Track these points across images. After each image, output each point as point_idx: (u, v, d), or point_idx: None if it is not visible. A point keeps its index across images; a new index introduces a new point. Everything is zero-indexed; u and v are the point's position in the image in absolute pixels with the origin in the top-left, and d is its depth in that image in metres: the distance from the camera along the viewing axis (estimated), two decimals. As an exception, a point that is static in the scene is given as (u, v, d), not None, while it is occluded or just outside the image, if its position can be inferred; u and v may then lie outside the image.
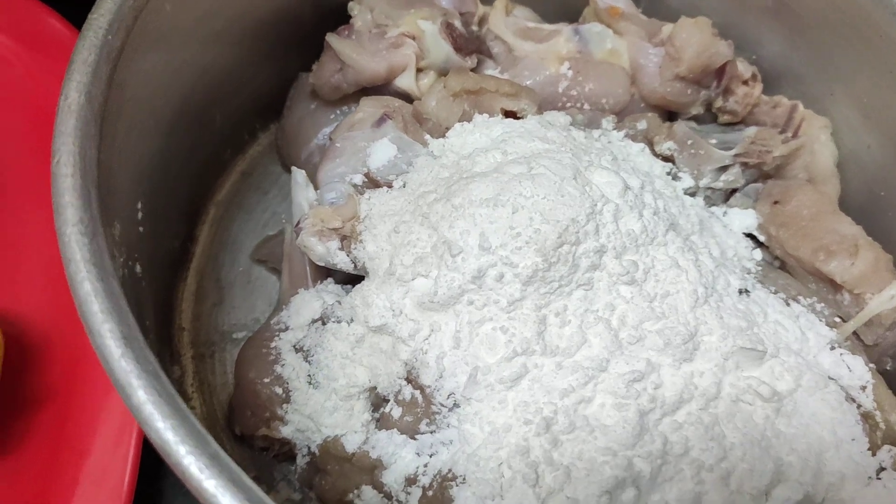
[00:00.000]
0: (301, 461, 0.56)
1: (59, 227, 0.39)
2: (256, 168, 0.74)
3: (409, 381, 0.52)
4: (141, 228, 0.54)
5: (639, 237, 0.52)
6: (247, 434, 0.57)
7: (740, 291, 0.55)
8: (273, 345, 0.57)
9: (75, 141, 0.40)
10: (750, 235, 0.61)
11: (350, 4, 0.64)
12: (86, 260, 0.38)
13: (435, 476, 0.50)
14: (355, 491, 0.52)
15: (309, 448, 0.55)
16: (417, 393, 0.52)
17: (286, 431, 0.55)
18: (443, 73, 0.64)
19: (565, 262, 0.50)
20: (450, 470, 0.49)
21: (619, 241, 0.51)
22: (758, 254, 0.59)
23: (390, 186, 0.58)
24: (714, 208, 0.62)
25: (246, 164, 0.73)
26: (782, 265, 0.60)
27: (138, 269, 0.53)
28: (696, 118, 0.67)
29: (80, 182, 0.39)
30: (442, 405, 0.51)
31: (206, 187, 0.70)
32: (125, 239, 0.49)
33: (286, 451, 0.57)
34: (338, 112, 0.67)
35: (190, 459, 0.35)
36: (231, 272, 0.68)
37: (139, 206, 0.53)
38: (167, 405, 0.36)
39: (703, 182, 0.61)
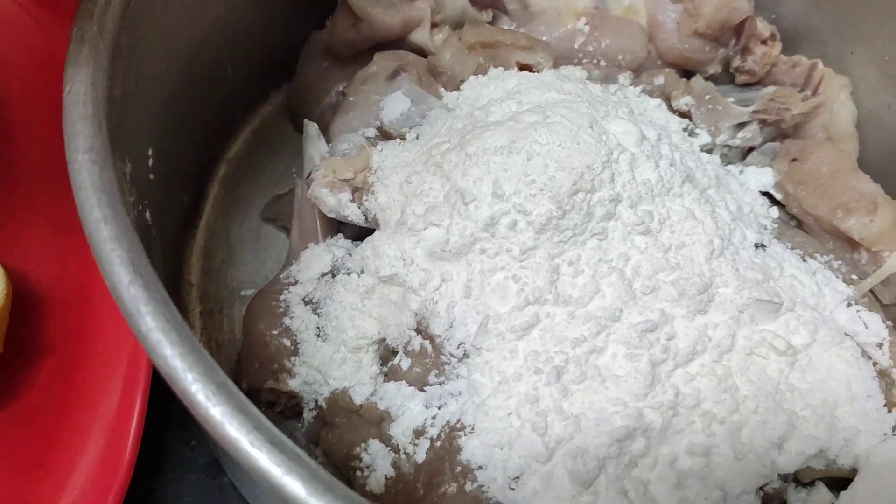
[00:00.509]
0: (308, 415, 0.55)
1: (70, 154, 0.38)
2: (268, 127, 0.73)
3: (418, 331, 0.52)
4: (151, 175, 0.54)
5: (654, 187, 0.51)
6: (253, 387, 0.56)
7: (756, 246, 0.54)
8: (282, 297, 0.56)
9: (87, 70, 0.40)
10: (766, 195, 0.61)
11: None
12: (96, 188, 0.38)
13: (443, 427, 0.49)
14: (362, 444, 0.51)
15: (316, 401, 0.54)
16: (427, 343, 0.51)
17: (294, 384, 0.54)
18: (458, 27, 0.63)
19: (579, 210, 0.49)
20: (458, 420, 0.48)
21: (634, 191, 0.50)
22: (774, 211, 0.59)
23: (403, 139, 0.57)
24: (730, 166, 0.61)
25: (257, 123, 0.73)
26: (799, 224, 0.60)
27: (148, 216, 0.52)
28: (713, 78, 0.66)
29: (91, 110, 0.39)
30: (452, 355, 0.50)
31: (217, 144, 0.69)
32: (136, 181, 0.48)
33: (293, 405, 0.56)
34: (351, 70, 0.66)
35: (197, 387, 0.35)
36: (241, 230, 0.67)
37: (150, 152, 0.53)
38: (175, 332, 0.35)
39: (721, 139, 0.60)
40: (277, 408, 0.58)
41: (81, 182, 0.38)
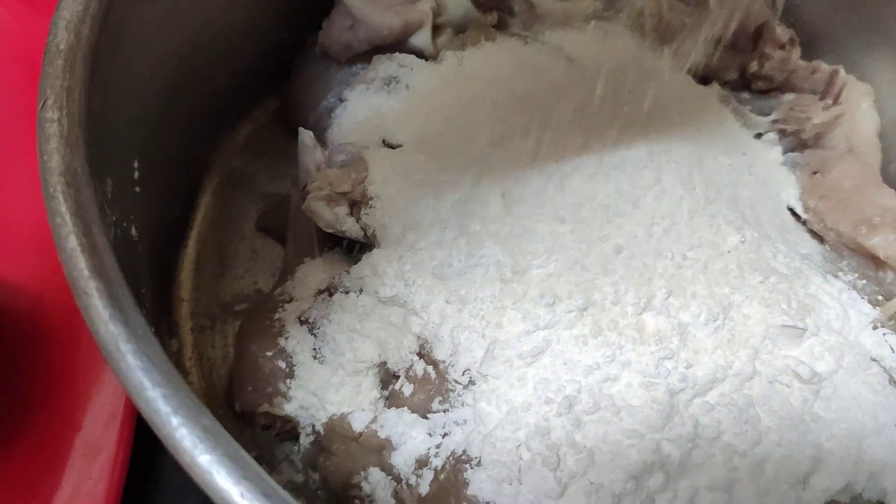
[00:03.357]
0: (304, 440, 0.52)
1: (45, 176, 0.35)
2: (263, 134, 0.70)
3: (421, 355, 0.49)
4: (137, 189, 0.51)
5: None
6: (247, 411, 0.53)
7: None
8: (277, 316, 0.53)
9: (63, 83, 0.37)
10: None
11: (363, -43, 0.61)
12: (72, 212, 0.35)
13: (448, 458, 0.46)
14: (362, 472, 0.49)
15: (313, 426, 0.52)
16: (430, 369, 0.48)
17: (289, 408, 0.51)
18: (461, 30, 0.60)
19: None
20: (464, 451, 0.46)
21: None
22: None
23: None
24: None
25: (252, 129, 0.70)
26: (821, 240, 0.57)
27: (134, 231, 0.49)
28: (729, 84, 0.63)
29: (67, 127, 0.36)
30: (456, 382, 0.47)
31: (209, 151, 0.66)
32: (119, 197, 0.45)
33: (289, 429, 0.54)
34: (348, 73, 0.64)
35: (182, 432, 0.32)
36: (234, 241, 0.64)
37: (135, 164, 0.50)
38: (159, 373, 0.33)
39: (738, 150, 0.57)
40: (273, 431, 0.55)
41: (56, 207, 0.35)
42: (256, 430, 0.56)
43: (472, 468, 0.45)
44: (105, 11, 0.41)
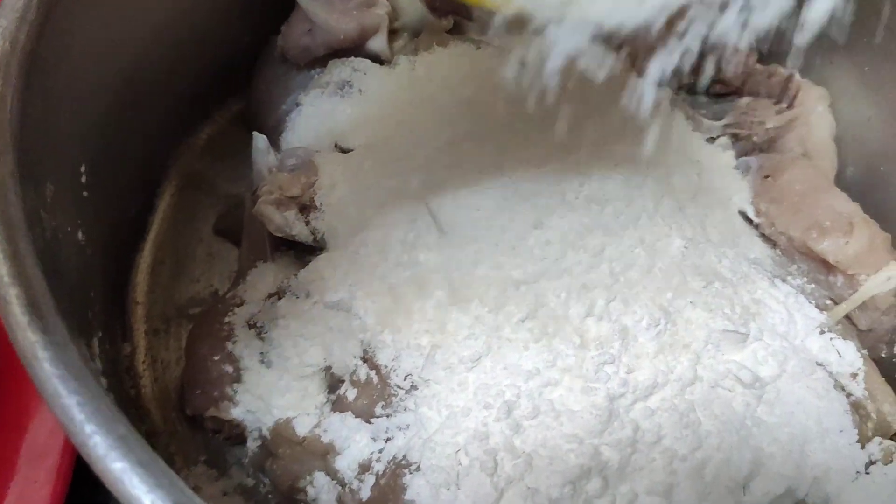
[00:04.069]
0: (252, 444, 0.52)
1: (-35, 179, 0.35)
2: (224, 136, 0.70)
3: (364, 360, 0.49)
4: (86, 193, 0.51)
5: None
6: (196, 414, 0.53)
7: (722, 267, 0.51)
8: (226, 320, 0.53)
9: (-8, 90, 0.37)
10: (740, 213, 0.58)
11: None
12: (-6, 219, 0.35)
13: (389, 463, 0.46)
14: (308, 477, 0.49)
15: (260, 431, 0.51)
16: (373, 373, 0.48)
17: (236, 412, 0.51)
18: (417, 34, 0.60)
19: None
20: (404, 456, 0.46)
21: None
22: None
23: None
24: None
25: (213, 132, 0.69)
26: (773, 244, 0.57)
27: (80, 236, 0.49)
28: (686, 87, 0.63)
29: (-5, 134, 0.36)
30: (398, 387, 0.47)
31: (167, 155, 0.66)
32: (61, 202, 0.45)
33: (237, 433, 0.54)
34: (308, 77, 0.64)
35: (96, 440, 0.32)
36: (191, 244, 0.64)
37: (83, 168, 0.50)
38: (75, 380, 0.33)
39: (691, 154, 0.57)
40: (222, 435, 0.55)
41: (-24, 211, 0.35)
42: (207, 434, 0.56)
43: (410, 473, 0.45)
44: (43, 19, 0.41)
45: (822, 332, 0.51)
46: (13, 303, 0.34)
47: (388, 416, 0.48)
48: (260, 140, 0.57)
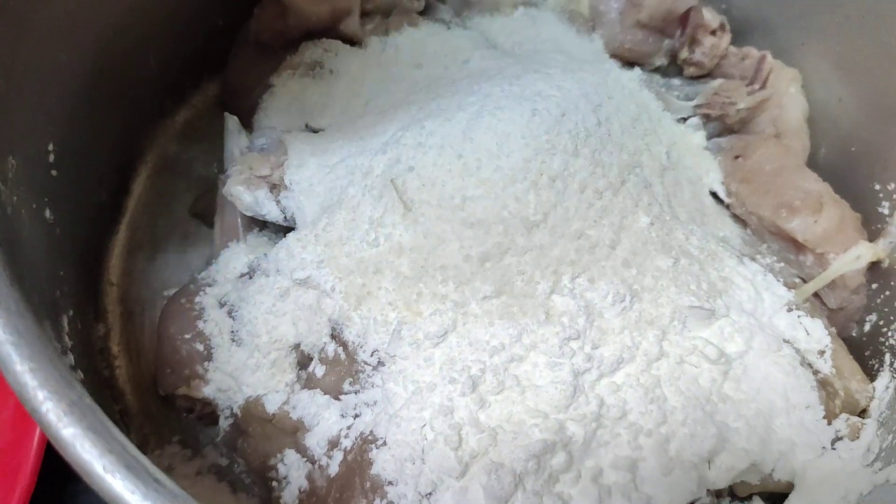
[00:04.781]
0: (224, 423, 0.52)
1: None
2: (201, 119, 0.70)
3: (333, 337, 0.49)
4: (54, 172, 0.51)
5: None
6: (168, 393, 0.54)
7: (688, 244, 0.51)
8: (197, 300, 0.53)
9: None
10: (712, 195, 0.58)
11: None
12: (-57, 189, 0.35)
13: (356, 438, 0.46)
14: (278, 454, 0.49)
15: (231, 409, 0.52)
16: (341, 350, 0.48)
17: (207, 391, 0.52)
18: (389, 16, 0.60)
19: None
20: (371, 431, 0.46)
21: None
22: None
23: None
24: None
25: (189, 115, 0.69)
26: (744, 224, 0.57)
27: (48, 213, 0.49)
28: (660, 70, 0.63)
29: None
30: (366, 363, 0.47)
31: (143, 137, 0.66)
32: (25, 178, 0.45)
33: (209, 412, 0.54)
34: (282, 60, 0.63)
35: (48, 406, 0.32)
36: (167, 227, 0.64)
37: (50, 147, 0.50)
38: (27, 346, 0.33)
39: (662, 134, 0.57)
40: (194, 414, 0.55)
41: (-70, 183, 0.35)
42: (181, 414, 0.56)
43: (377, 448, 0.45)
44: None
45: (789, 310, 0.51)
46: (-39, 269, 0.34)
47: (355, 392, 0.48)
48: (231, 121, 0.57)
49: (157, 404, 0.57)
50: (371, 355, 0.47)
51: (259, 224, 0.57)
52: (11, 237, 0.39)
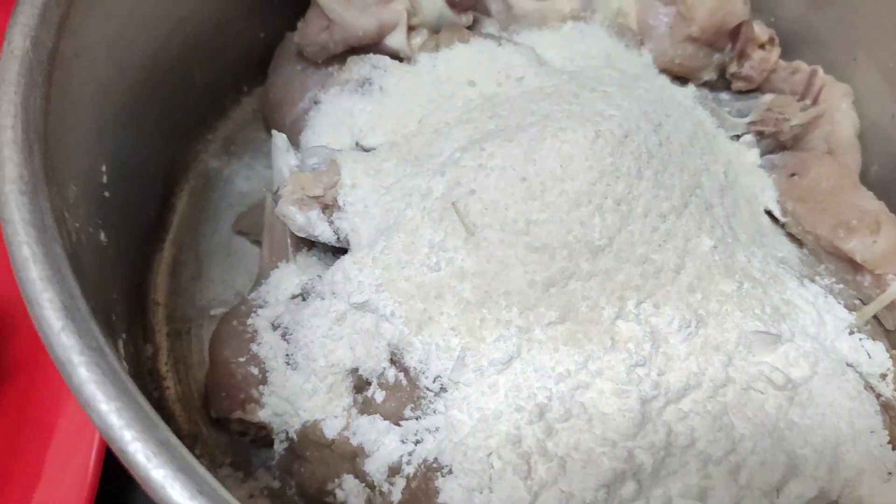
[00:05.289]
0: (279, 447, 0.52)
1: (-3, 184, 0.35)
2: (241, 134, 0.69)
3: (393, 362, 0.48)
4: (107, 193, 0.50)
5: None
6: (221, 417, 0.53)
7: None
8: (250, 322, 0.53)
9: (18, 89, 0.36)
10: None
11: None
12: (25, 221, 0.34)
13: (420, 465, 0.46)
14: (336, 479, 0.49)
15: (287, 433, 0.51)
16: (402, 376, 0.48)
17: (263, 415, 0.51)
18: (436, 31, 0.60)
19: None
20: (435, 459, 0.45)
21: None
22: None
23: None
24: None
25: (229, 130, 0.69)
26: (800, 243, 0.56)
27: (103, 236, 0.49)
28: (708, 84, 0.62)
29: (21, 135, 0.35)
30: (428, 389, 0.47)
31: (185, 153, 0.66)
32: (84, 202, 0.45)
33: (264, 435, 0.53)
34: (326, 74, 0.63)
35: (136, 446, 0.31)
36: (211, 244, 0.64)
37: (104, 168, 0.49)
38: (112, 385, 0.32)
39: (716, 151, 0.56)
40: (248, 437, 0.55)
41: (9, 215, 0.34)
42: (233, 436, 0.56)
43: (443, 476, 0.44)
44: (63, 16, 0.40)
45: (851, 333, 0.50)
46: (46, 307, 0.33)
47: (416, 418, 0.47)
48: (279, 139, 0.56)
49: (206, 426, 0.57)
50: (433, 381, 0.46)
51: (308, 243, 0.57)
52: (80, 267, 0.38)
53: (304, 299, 0.52)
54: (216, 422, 0.56)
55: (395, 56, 0.59)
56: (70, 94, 0.43)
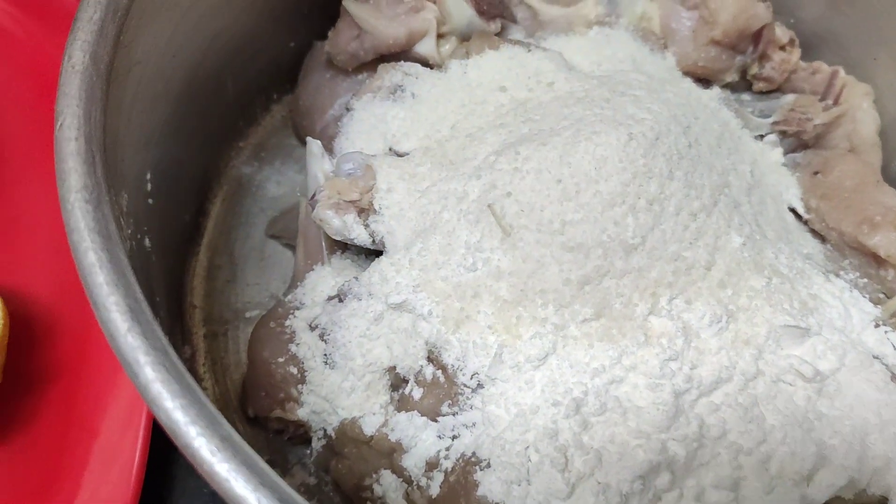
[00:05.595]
0: (317, 444, 0.53)
1: (63, 194, 0.36)
2: (271, 141, 0.71)
3: (430, 360, 0.50)
4: (150, 200, 0.52)
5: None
6: (260, 416, 0.55)
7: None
8: (287, 323, 0.54)
9: (80, 103, 0.38)
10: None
11: (367, -33, 0.62)
12: (90, 228, 0.36)
13: (458, 460, 0.47)
14: (374, 475, 0.50)
15: (325, 431, 0.52)
16: (439, 373, 0.49)
17: (301, 413, 0.52)
18: (465, 38, 0.61)
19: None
20: (473, 453, 0.47)
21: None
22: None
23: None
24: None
25: (260, 137, 0.71)
26: (823, 239, 0.57)
27: (147, 242, 0.50)
28: (730, 86, 0.63)
29: (84, 146, 0.37)
30: (465, 386, 0.48)
31: (218, 160, 0.67)
32: (133, 211, 0.46)
33: (301, 433, 0.55)
34: (355, 81, 0.64)
35: (201, 441, 0.33)
36: (244, 248, 0.65)
37: (148, 176, 0.51)
38: (177, 383, 0.34)
39: (740, 151, 0.58)
40: (286, 435, 0.57)
41: (75, 223, 0.36)
42: (269, 434, 0.57)
43: (481, 470, 0.46)
44: (118, 31, 0.42)
45: (876, 326, 0.52)
46: (113, 310, 0.35)
47: (454, 414, 0.49)
48: (314, 145, 0.58)
49: (243, 424, 0.58)
50: (471, 378, 0.48)
51: (341, 246, 0.58)
52: (141, 271, 0.40)
53: (340, 300, 0.54)
54: (253, 420, 0.57)
55: (425, 63, 0.61)
56: (123, 107, 0.44)
